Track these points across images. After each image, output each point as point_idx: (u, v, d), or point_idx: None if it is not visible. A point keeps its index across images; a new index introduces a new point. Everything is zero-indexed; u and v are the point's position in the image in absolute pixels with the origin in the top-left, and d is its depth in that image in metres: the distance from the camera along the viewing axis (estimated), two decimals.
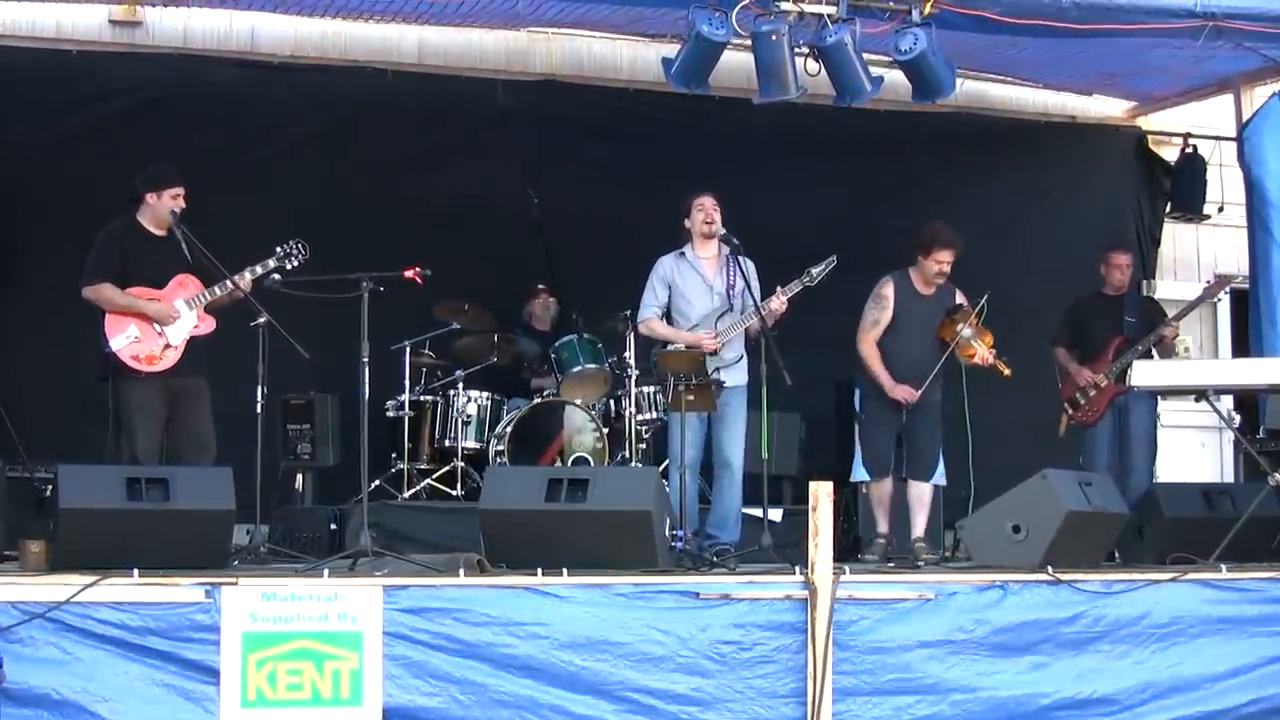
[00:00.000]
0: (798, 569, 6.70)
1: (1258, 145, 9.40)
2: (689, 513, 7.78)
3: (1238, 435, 9.42)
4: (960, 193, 10.69)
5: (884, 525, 8.29)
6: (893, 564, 7.75)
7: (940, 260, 8.23)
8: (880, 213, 10.51)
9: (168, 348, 7.47)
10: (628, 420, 8.69)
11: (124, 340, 7.40)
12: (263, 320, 7.36)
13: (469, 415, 9.21)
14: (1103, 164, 11.49)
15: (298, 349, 7.24)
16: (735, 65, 8.49)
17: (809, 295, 8.14)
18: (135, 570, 6.01)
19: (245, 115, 9.77)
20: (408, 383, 9.20)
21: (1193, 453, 11.28)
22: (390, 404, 9.22)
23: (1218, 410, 8.72)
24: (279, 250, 7.62)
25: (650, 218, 9.14)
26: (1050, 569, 7.00)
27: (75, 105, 9.55)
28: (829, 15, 7.70)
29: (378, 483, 8.86)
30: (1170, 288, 11.26)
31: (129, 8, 9.62)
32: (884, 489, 8.30)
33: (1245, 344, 10.04)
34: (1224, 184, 11.20)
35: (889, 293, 8.30)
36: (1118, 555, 8.11)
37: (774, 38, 7.63)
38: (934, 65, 7.93)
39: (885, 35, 7.99)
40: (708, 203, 8.26)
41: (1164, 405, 9.43)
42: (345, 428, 8.96)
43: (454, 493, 9.07)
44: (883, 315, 8.28)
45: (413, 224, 9.75)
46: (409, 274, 7.45)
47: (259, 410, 7.45)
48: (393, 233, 9.56)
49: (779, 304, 7.98)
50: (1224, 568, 7.30)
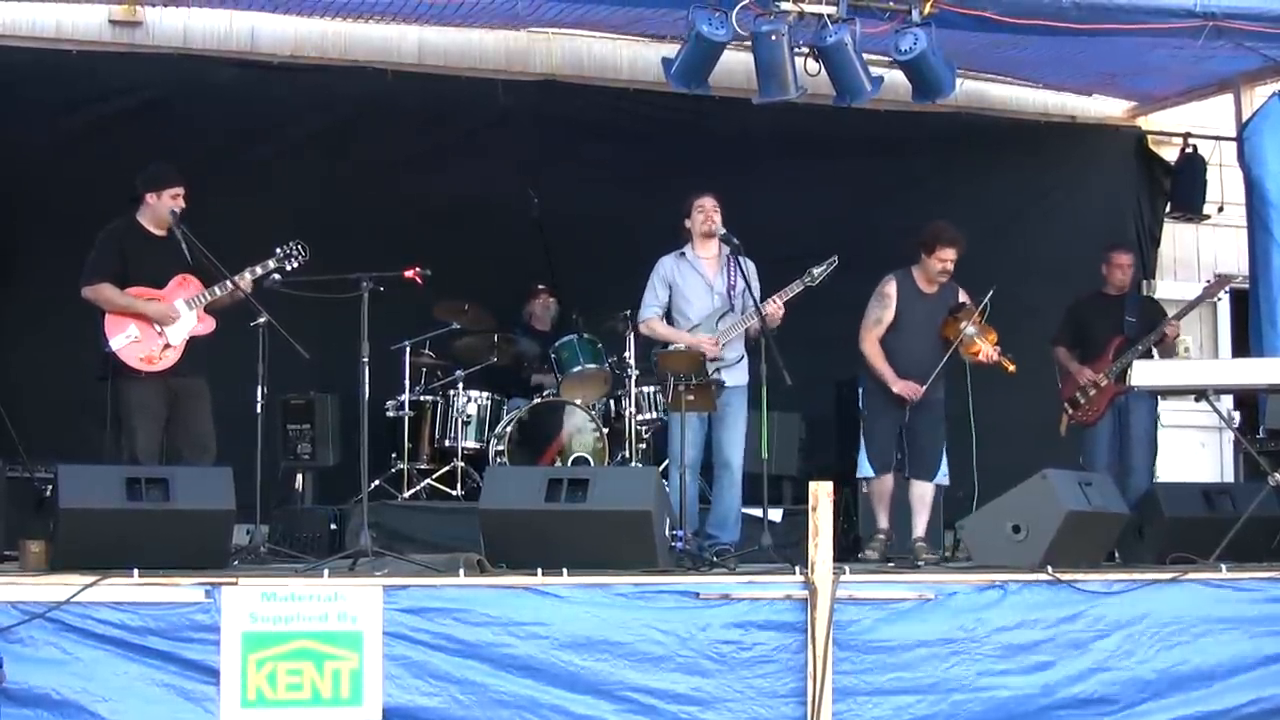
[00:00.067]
0: (798, 569, 6.70)
1: (1258, 145, 9.39)
2: (689, 513, 7.78)
3: (1238, 435, 9.41)
4: (960, 193, 10.69)
5: (884, 521, 8.29)
6: (893, 564, 7.75)
7: (944, 258, 8.23)
8: (880, 213, 10.51)
9: (167, 348, 7.47)
10: (628, 420, 8.70)
11: (124, 340, 7.40)
12: (263, 320, 7.36)
13: (469, 415, 9.21)
14: (1103, 164, 11.48)
15: (298, 349, 7.23)
16: (735, 65, 8.49)
17: (809, 295, 8.14)
18: (135, 570, 6.00)
19: (245, 115, 9.76)
20: (408, 383, 9.20)
21: (1193, 453, 11.27)
22: (390, 404, 9.22)
23: (1218, 410, 8.72)
24: (279, 251, 7.62)
25: (650, 218, 9.14)
26: (1050, 569, 7.00)
27: (75, 105, 9.54)
28: (829, 15, 7.70)
29: (378, 483, 8.86)
30: (1170, 288, 11.25)
31: (129, 8, 9.61)
32: (885, 485, 8.29)
33: (1245, 344, 10.03)
34: (1224, 184, 11.19)
35: (892, 291, 8.30)
36: (1118, 555, 8.11)
37: (774, 38, 7.63)
38: (934, 65, 7.94)
39: (885, 35, 7.99)
40: (708, 203, 8.25)
41: (1164, 405, 9.41)
42: (345, 428, 8.96)
43: (454, 493, 9.07)
44: (885, 313, 8.28)
45: (413, 224, 9.74)
46: (409, 274, 7.45)
47: (259, 410, 7.45)
48: (393, 233, 9.55)
49: (774, 308, 7.98)
50: (1224, 568, 7.30)
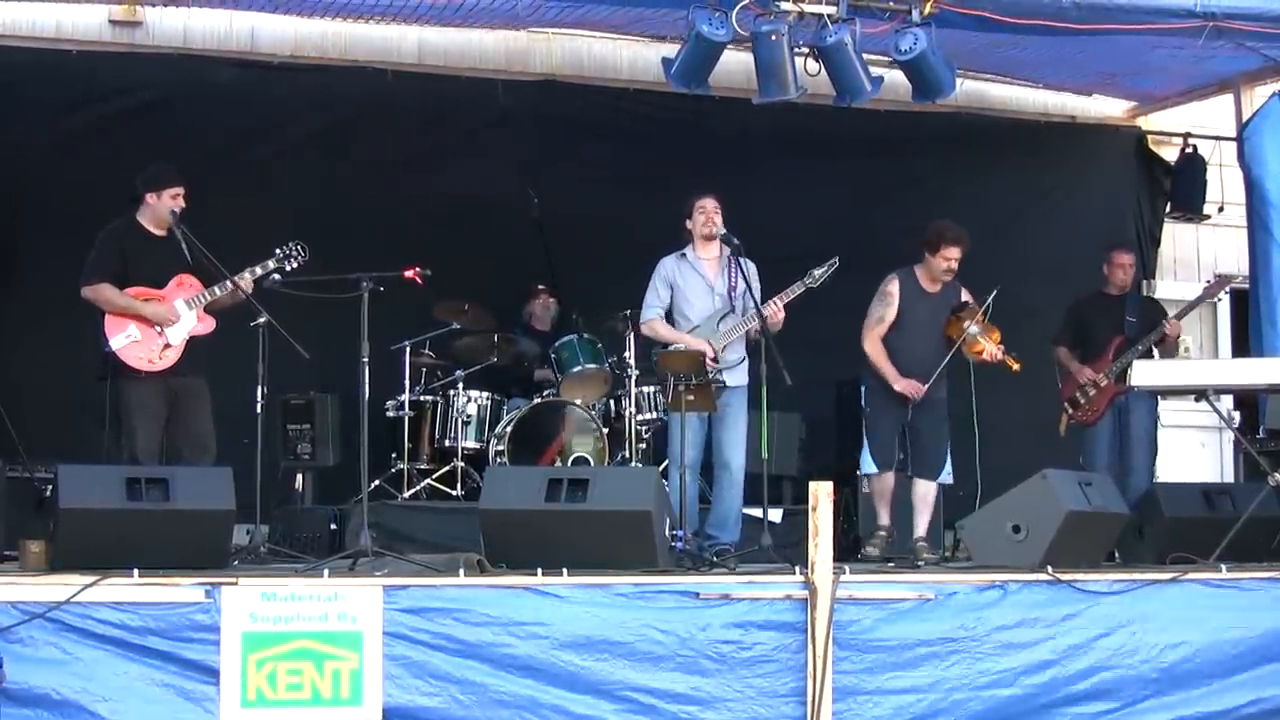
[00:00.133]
0: (798, 569, 6.70)
1: (1258, 145, 9.39)
2: (689, 513, 7.77)
3: (1238, 435, 9.42)
4: (960, 193, 10.68)
5: (885, 518, 8.29)
6: (893, 564, 7.75)
7: (948, 257, 8.23)
8: (880, 213, 10.51)
9: (167, 348, 7.47)
10: (628, 420, 8.70)
11: (124, 340, 7.40)
12: (263, 320, 7.36)
13: (469, 415, 9.21)
14: (1103, 164, 11.48)
15: (298, 349, 7.23)
16: (735, 65, 8.50)
17: (809, 295, 8.14)
18: (135, 570, 6.00)
19: (245, 115, 9.76)
20: (408, 383, 9.20)
21: (1193, 453, 11.27)
22: (390, 404, 9.22)
23: (1218, 410, 8.72)
24: (279, 251, 7.62)
25: (650, 218, 9.14)
26: (1050, 569, 7.00)
27: (75, 105, 9.54)
28: (829, 15, 7.70)
29: (378, 483, 8.86)
30: (1170, 288, 11.25)
31: (129, 8, 9.61)
32: (887, 482, 8.29)
33: (1245, 344, 10.03)
34: (1224, 184, 11.19)
35: (894, 290, 8.30)
36: (1118, 555, 8.11)
37: (774, 38, 7.63)
38: (934, 65, 7.94)
39: (885, 35, 7.99)
40: (709, 205, 8.24)
41: (1164, 405, 9.40)
42: (345, 428, 8.96)
43: (454, 493, 9.07)
44: (888, 312, 8.28)
45: (413, 224, 9.74)
46: (409, 274, 7.45)
47: (259, 410, 7.44)
48: (393, 233, 9.55)
49: (775, 311, 7.98)
50: (1224, 568, 7.29)
